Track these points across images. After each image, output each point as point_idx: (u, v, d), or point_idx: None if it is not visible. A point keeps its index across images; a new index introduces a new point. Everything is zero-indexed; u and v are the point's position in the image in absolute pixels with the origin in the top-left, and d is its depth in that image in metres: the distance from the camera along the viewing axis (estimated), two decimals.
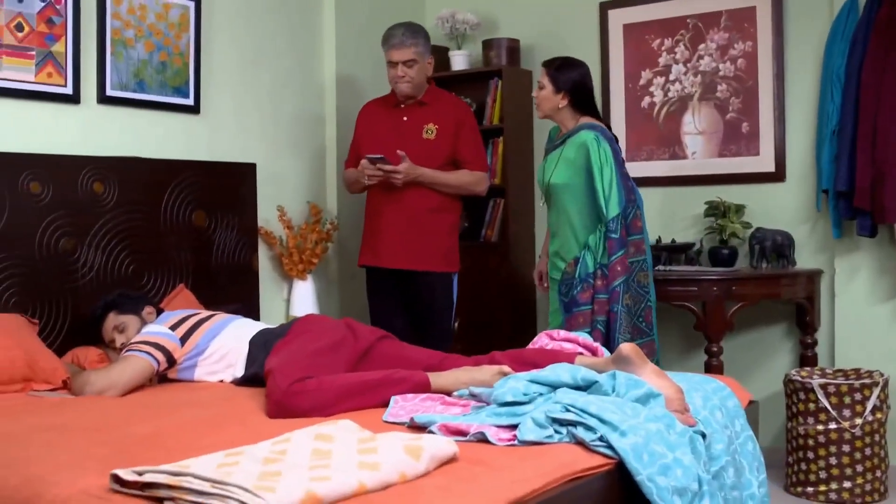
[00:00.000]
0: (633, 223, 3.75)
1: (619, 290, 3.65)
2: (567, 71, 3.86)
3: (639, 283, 3.74)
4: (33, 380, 3.11)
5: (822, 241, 4.28)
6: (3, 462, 2.12)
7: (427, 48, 4.15)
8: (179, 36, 4.10)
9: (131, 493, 1.83)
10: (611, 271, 3.67)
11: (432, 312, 4.19)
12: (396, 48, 4.08)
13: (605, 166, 3.71)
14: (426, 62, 4.15)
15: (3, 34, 3.47)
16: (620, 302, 3.64)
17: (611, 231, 3.67)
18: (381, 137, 4.16)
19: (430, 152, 4.12)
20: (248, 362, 3.20)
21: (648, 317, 3.76)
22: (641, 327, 3.75)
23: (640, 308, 3.75)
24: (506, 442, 2.29)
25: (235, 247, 4.26)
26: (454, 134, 4.15)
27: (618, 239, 3.67)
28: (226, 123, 4.34)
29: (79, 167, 3.66)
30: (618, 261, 3.67)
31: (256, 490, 1.69)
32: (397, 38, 4.09)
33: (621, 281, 3.66)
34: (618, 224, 3.67)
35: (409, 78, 4.10)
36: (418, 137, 4.15)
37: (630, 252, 3.72)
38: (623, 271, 3.66)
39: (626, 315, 3.67)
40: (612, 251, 3.67)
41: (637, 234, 3.75)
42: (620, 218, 3.68)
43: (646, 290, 3.77)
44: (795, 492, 3.89)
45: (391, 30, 4.14)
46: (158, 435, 2.37)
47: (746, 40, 4.43)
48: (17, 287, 3.44)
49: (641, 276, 3.75)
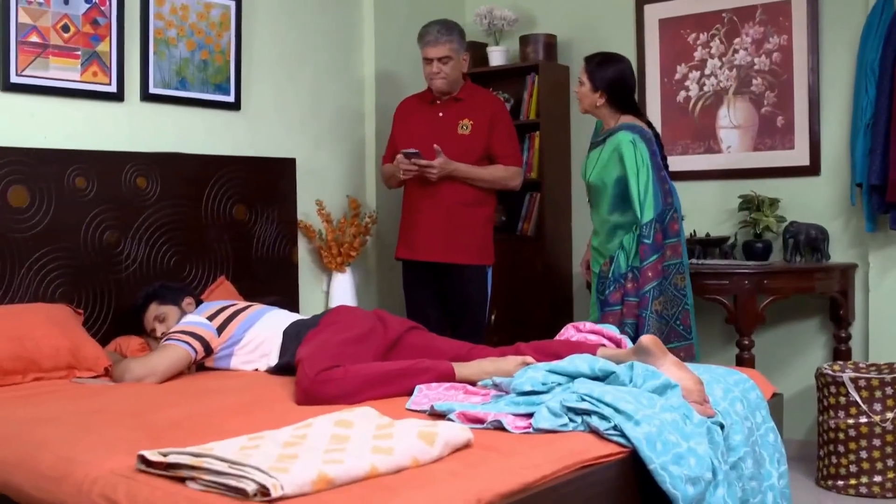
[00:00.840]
0: (671, 226, 3.72)
1: (649, 296, 3.63)
2: (605, 68, 3.84)
3: (675, 286, 3.72)
4: (77, 367, 3.24)
5: (857, 235, 4.27)
6: (39, 443, 2.24)
7: (462, 45, 4.21)
8: (220, 34, 4.21)
9: (156, 472, 1.93)
10: (642, 275, 3.65)
11: (467, 305, 4.26)
12: (431, 45, 4.16)
13: (640, 169, 3.68)
14: (461, 59, 4.21)
15: (50, 35, 3.61)
16: (650, 308, 3.62)
17: (644, 236, 3.64)
18: (417, 133, 4.24)
19: (465, 148, 4.19)
20: (282, 352, 3.30)
21: (686, 320, 3.75)
22: (679, 330, 3.74)
23: (678, 311, 3.73)
24: (521, 430, 2.35)
25: (275, 240, 4.36)
26: (489, 129, 4.22)
27: (651, 244, 3.64)
28: (266, 119, 4.45)
29: (122, 163, 3.79)
30: (650, 266, 3.65)
31: (271, 471, 1.77)
32: (432, 35, 4.16)
33: (652, 286, 3.63)
34: (651, 229, 3.64)
35: (443, 74, 4.18)
36: (454, 133, 4.22)
37: (666, 255, 3.69)
38: (654, 276, 3.63)
39: (656, 321, 3.65)
40: (644, 256, 3.64)
41: (674, 237, 3.72)
42: (655, 223, 3.64)
43: (683, 294, 3.74)
44: (826, 485, 3.89)
45: (426, 27, 4.22)
46: (188, 419, 2.47)
47: (781, 34, 4.43)
48: (63, 279, 3.58)
49: (678, 279, 3.73)
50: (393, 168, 4.22)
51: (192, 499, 1.78)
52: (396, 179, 4.26)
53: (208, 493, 1.80)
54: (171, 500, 1.80)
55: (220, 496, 1.77)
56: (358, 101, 4.93)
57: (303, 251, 4.59)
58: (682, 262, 3.76)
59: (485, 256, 4.28)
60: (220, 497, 1.77)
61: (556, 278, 4.98)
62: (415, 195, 4.26)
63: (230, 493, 1.77)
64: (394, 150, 4.29)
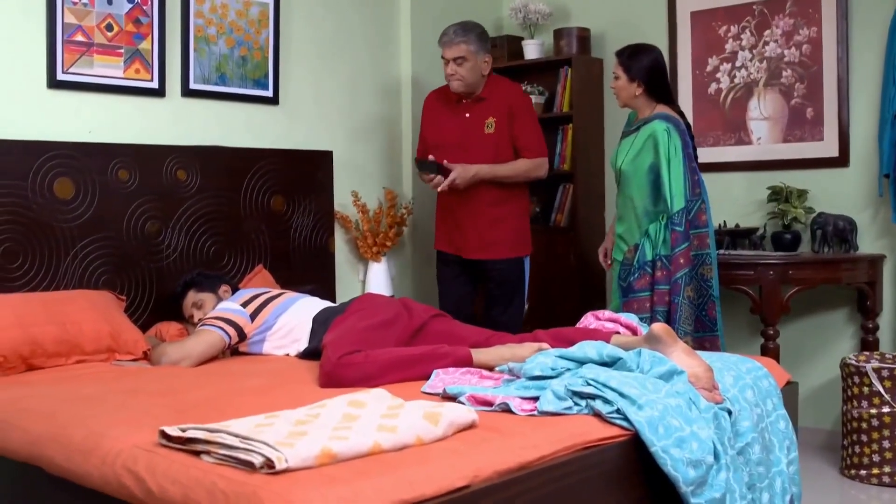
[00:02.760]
0: (698, 216, 3.79)
1: (681, 283, 3.70)
2: (639, 58, 3.90)
3: (702, 276, 3.78)
4: (117, 351, 3.41)
5: (885, 226, 4.28)
6: (72, 419, 2.40)
7: (481, 46, 4.20)
8: (259, 32, 4.36)
9: (175, 447, 2.07)
10: (673, 263, 3.71)
11: (503, 295, 4.34)
12: (447, 45, 4.20)
13: (673, 159, 3.75)
14: (481, 60, 4.20)
15: (94, 34, 3.78)
16: (682, 294, 3.69)
17: (675, 224, 3.71)
18: (447, 134, 4.29)
19: (494, 145, 4.24)
20: (311, 337, 3.44)
21: (712, 311, 3.80)
22: (704, 321, 3.80)
23: (703, 301, 3.79)
24: (527, 412, 2.45)
25: (312, 230, 4.50)
26: (509, 123, 4.24)
27: (682, 232, 3.71)
28: (304, 113, 4.59)
29: (164, 156, 3.95)
30: (681, 253, 3.72)
31: (277, 445, 1.90)
32: (448, 36, 4.20)
33: (684, 273, 3.71)
34: (682, 217, 3.72)
35: (458, 76, 4.18)
36: (481, 133, 4.26)
37: (693, 245, 3.76)
38: (686, 263, 3.71)
39: (688, 307, 3.72)
40: (675, 244, 3.71)
41: (702, 227, 3.79)
42: (685, 211, 3.72)
43: (709, 284, 3.80)
44: (850, 475, 3.93)
45: (448, 28, 4.24)
46: (214, 399, 2.61)
47: (811, 26, 4.45)
48: (106, 266, 3.76)
49: (705, 270, 3.79)
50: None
51: (204, 470, 1.92)
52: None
53: (220, 465, 1.93)
54: (186, 471, 1.94)
55: (231, 468, 1.91)
56: (394, 95, 5.04)
57: (339, 241, 4.72)
58: (709, 253, 3.81)
59: (522, 247, 4.34)
60: (230, 469, 1.90)
61: (588, 269, 5.05)
62: (445, 198, 4.31)
63: (240, 465, 1.90)
64: (425, 147, 4.37)
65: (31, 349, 3.19)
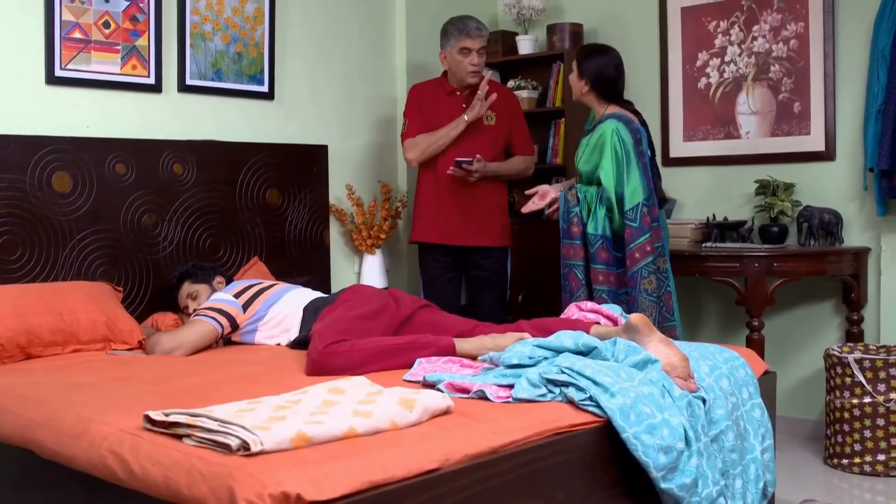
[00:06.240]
0: (652, 211, 3.80)
1: (637, 276, 3.74)
2: (591, 58, 3.95)
3: (658, 268, 3.80)
4: (113, 340, 3.50)
5: (870, 220, 4.34)
6: (64, 405, 2.49)
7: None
8: (254, 28, 4.44)
9: (159, 431, 2.15)
10: (629, 258, 3.75)
11: (493, 284, 4.45)
12: (476, 37, 4.33)
13: (621, 158, 3.78)
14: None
15: (91, 31, 3.87)
16: (638, 287, 3.73)
17: (629, 220, 3.74)
18: (444, 124, 4.36)
19: (492, 138, 4.40)
20: (302, 327, 3.53)
21: (669, 302, 3.85)
22: (663, 312, 3.84)
23: (661, 293, 3.83)
24: (502, 399, 2.53)
25: (307, 223, 4.58)
26: (509, 122, 4.45)
27: (638, 227, 3.73)
28: (299, 108, 4.67)
29: (160, 150, 4.04)
30: (637, 247, 3.74)
31: (254, 429, 1.98)
32: (474, 25, 4.34)
33: (640, 266, 3.73)
34: (638, 213, 3.74)
35: (480, 66, 4.36)
36: (481, 124, 4.38)
37: (651, 239, 3.77)
38: (642, 256, 3.72)
39: (646, 299, 3.73)
40: (630, 239, 3.74)
41: (654, 221, 3.80)
42: (642, 206, 3.74)
43: (665, 276, 3.85)
44: (832, 463, 4.00)
45: (466, 20, 4.35)
46: (202, 386, 2.71)
47: (798, 21, 4.51)
48: (104, 258, 3.85)
49: (661, 262, 3.82)
50: (429, 140, 4.32)
51: (184, 452, 2.00)
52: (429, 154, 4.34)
53: (200, 447, 2.02)
54: (167, 453, 2.02)
55: (209, 450, 1.99)
56: (389, 89, 5.12)
57: (334, 234, 4.80)
58: (663, 246, 3.86)
59: (506, 239, 4.47)
60: (208, 451, 1.99)
61: None
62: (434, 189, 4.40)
63: (218, 447, 1.99)
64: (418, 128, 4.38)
65: (28, 338, 3.28)
